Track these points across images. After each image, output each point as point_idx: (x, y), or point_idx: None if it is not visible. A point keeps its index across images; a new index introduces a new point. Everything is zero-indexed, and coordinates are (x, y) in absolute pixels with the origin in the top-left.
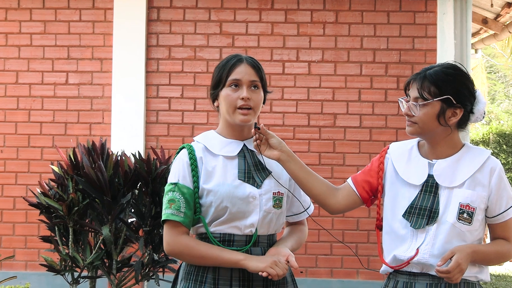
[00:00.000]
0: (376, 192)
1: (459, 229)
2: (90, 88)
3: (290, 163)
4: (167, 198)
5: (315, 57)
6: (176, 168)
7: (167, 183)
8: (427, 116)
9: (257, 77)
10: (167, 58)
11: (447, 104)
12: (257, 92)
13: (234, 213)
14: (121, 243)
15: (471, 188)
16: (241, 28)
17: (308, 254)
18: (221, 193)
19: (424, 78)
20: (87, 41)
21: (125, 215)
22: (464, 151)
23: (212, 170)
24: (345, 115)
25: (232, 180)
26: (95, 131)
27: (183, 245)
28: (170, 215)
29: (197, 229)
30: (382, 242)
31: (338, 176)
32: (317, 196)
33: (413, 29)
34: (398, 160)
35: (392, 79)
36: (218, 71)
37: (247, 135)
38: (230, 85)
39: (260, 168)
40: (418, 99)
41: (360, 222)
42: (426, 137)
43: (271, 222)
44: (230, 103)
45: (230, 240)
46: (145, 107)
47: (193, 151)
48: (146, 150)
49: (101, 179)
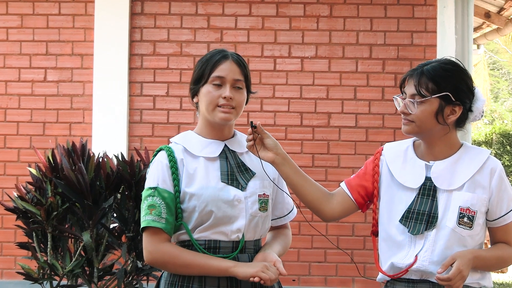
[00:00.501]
0: (371, 197)
1: (460, 234)
2: (70, 86)
3: (285, 166)
4: (147, 203)
5: (308, 53)
6: (155, 171)
7: (145, 188)
8: (424, 114)
9: (241, 76)
10: (152, 54)
11: (445, 102)
12: (241, 92)
13: (220, 217)
14: (103, 249)
15: (471, 191)
16: (230, 22)
17: (300, 262)
18: (205, 197)
19: (421, 74)
20: (67, 35)
21: (107, 220)
22: (462, 152)
23: (194, 173)
24: (340, 114)
25: (215, 183)
26: (75, 131)
27: (166, 253)
28: (151, 221)
29: (178, 236)
30: (379, 249)
31: (332, 178)
32: (311, 202)
33: (412, 23)
34: (393, 162)
35: (390, 76)
36: (200, 65)
37: (227, 135)
38: (213, 82)
39: (243, 169)
40: (415, 96)
41: (355, 228)
42: (423, 137)
43: (258, 226)
44: (210, 101)
45: (215, 247)
46: (128, 105)
47: (173, 153)
48: (130, 151)
49: (81, 182)
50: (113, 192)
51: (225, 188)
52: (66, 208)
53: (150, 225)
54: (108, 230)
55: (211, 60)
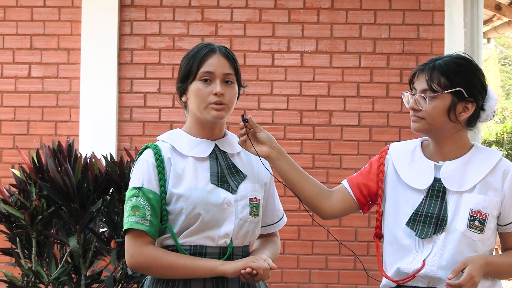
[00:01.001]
0: (374, 197)
1: (470, 238)
2: (55, 82)
3: (281, 161)
4: (130, 204)
5: (308, 48)
6: (140, 170)
7: (129, 187)
8: (436, 110)
9: (231, 70)
10: (142, 49)
11: (458, 98)
12: (232, 87)
13: (207, 221)
14: (91, 256)
15: (482, 193)
16: (225, 15)
17: (300, 268)
18: (194, 199)
19: (433, 69)
20: (52, 29)
21: (95, 224)
22: (473, 152)
23: (182, 173)
24: (342, 112)
25: (204, 184)
26: (62, 130)
27: (150, 256)
28: (134, 223)
29: (162, 241)
30: (383, 253)
31: (334, 180)
32: (309, 199)
33: (418, 16)
34: (399, 161)
35: (395, 72)
36: (187, 62)
37: (218, 134)
38: (201, 79)
39: (234, 171)
40: (426, 91)
41: (358, 232)
42: (433, 135)
43: (247, 232)
44: (201, 99)
45: (202, 252)
46: (117, 103)
47: (160, 151)
48: (119, 151)
49: (68, 184)
50: (101, 194)
51: (214, 190)
52: (51, 212)
53: (133, 227)
54: (96, 235)
55: (198, 55)
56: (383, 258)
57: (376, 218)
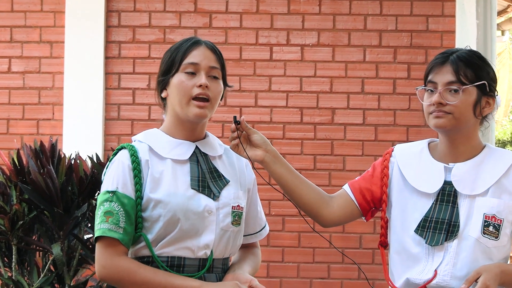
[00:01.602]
0: (378, 203)
1: (485, 245)
2: (37, 77)
3: (276, 165)
4: (103, 209)
5: (309, 40)
6: (114, 172)
7: (102, 191)
8: (465, 105)
9: (217, 64)
10: (131, 41)
11: (482, 92)
12: (217, 82)
13: (186, 230)
14: (75, 264)
15: (496, 196)
16: (220, 5)
17: (301, 278)
18: (173, 205)
19: (458, 60)
20: (34, 20)
21: (80, 230)
22: (486, 153)
23: (160, 177)
24: (345, 110)
25: (184, 190)
26: (44, 129)
27: (123, 268)
28: (107, 230)
29: (137, 251)
30: (390, 263)
31: (336, 183)
32: (308, 205)
33: (427, 6)
34: (405, 164)
35: (402, 67)
36: (169, 54)
37: (199, 135)
38: (185, 71)
39: (216, 176)
40: (453, 83)
41: (363, 239)
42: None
43: (228, 243)
44: (184, 92)
45: (179, 264)
46: (104, 100)
47: (136, 153)
48: (106, 152)
49: (51, 187)
50: (87, 198)
51: (195, 196)
52: (33, 217)
53: (105, 235)
54: (81, 242)
55: (182, 47)
56: (389, 268)
57: (381, 225)
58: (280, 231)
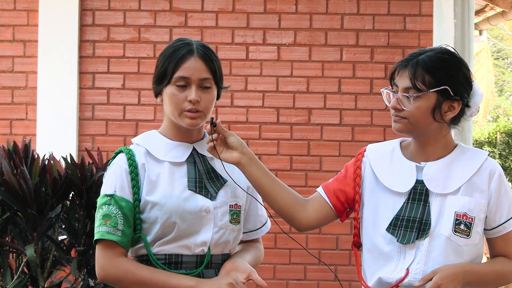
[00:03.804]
0: (352, 203)
1: (456, 243)
2: (10, 77)
3: (252, 167)
4: (101, 212)
5: (285, 40)
6: (113, 176)
7: (101, 194)
8: (420, 111)
9: (209, 74)
10: (105, 41)
11: (443, 96)
12: (209, 92)
13: (183, 229)
14: (49, 266)
15: (468, 195)
16: (195, 4)
17: (277, 279)
18: (169, 207)
19: (417, 65)
20: (7, 19)
21: (54, 231)
22: (457, 152)
23: (157, 179)
24: (322, 110)
25: (181, 191)
26: (17, 129)
27: (122, 269)
28: (105, 233)
29: (136, 250)
30: (363, 262)
31: (313, 184)
32: (284, 208)
33: (405, 6)
34: (377, 163)
35: (379, 66)
36: (163, 61)
37: (196, 136)
38: (176, 84)
39: (214, 176)
40: (409, 89)
41: (339, 240)
42: (416, 135)
43: (228, 241)
44: (175, 105)
45: (177, 262)
46: (78, 100)
47: (133, 156)
48: (80, 152)
49: (24, 188)
50: (61, 199)
51: (191, 197)
52: (6, 218)
53: (104, 238)
54: (55, 243)
55: (174, 56)
56: (362, 267)
57: (354, 225)
58: None
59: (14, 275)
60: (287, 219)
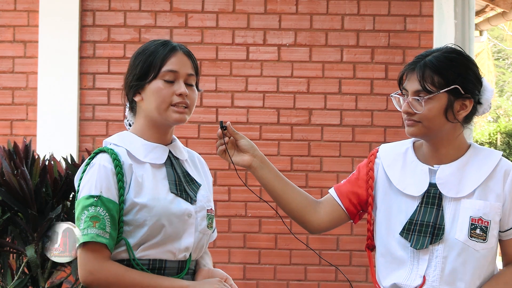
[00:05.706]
0: (365, 206)
1: (472, 248)
2: (11, 77)
3: (264, 170)
4: (87, 214)
5: (286, 40)
6: (97, 177)
7: (83, 195)
8: (433, 112)
9: (193, 70)
10: (106, 41)
11: (454, 96)
12: (192, 90)
13: (169, 234)
14: (50, 266)
15: (482, 198)
16: (196, 5)
17: (278, 280)
18: (158, 209)
19: (424, 67)
20: (7, 19)
21: None
22: (471, 153)
23: (142, 181)
24: (322, 111)
25: (165, 194)
26: (18, 129)
27: (111, 273)
28: (95, 236)
29: (116, 254)
30: (376, 265)
31: (314, 184)
32: (295, 211)
33: (405, 6)
34: (391, 166)
35: (380, 67)
36: (145, 58)
37: (169, 138)
38: (164, 78)
39: (189, 180)
40: (419, 92)
41: (340, 241)
42: (430, 138)
43: (203, 245)
44: (163, 99)
45: (161, 267)
46: (78, 100)
47: (118, 156)
48: (80, 152)
49: (24, 189)
50: (61, 200)
51: (175, 200)
52: (7, 219)
53: (94, 240)
54: None
55: (158, 52)
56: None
57: (367, 228)
58: (257, 232)
59: (15, 276)
60: (299, 221)
